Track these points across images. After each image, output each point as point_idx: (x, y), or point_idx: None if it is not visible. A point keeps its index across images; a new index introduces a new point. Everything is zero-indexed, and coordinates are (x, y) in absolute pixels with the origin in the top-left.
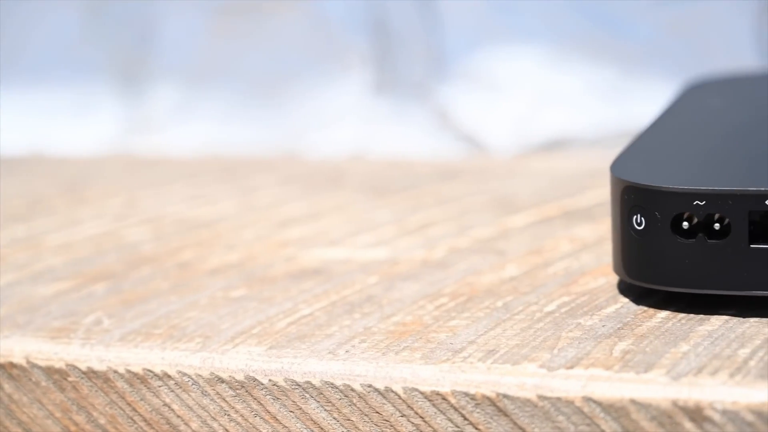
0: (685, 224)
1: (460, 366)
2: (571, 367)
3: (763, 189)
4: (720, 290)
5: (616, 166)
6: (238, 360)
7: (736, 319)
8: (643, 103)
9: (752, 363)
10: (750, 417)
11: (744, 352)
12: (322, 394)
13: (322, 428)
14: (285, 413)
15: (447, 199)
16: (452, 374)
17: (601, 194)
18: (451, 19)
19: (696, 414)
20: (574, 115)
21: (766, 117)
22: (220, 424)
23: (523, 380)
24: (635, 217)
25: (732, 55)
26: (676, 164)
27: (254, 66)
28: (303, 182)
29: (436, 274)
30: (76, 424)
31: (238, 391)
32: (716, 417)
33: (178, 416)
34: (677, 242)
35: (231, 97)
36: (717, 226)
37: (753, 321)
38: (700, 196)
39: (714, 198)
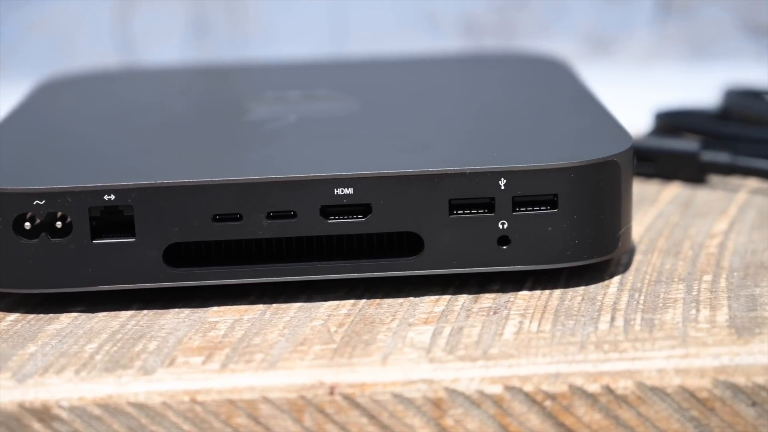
0: (27, 225)
1: None
2: None
3: (100, 185)
4: (68, 288)
5: None
6: None
7: (85, 315)
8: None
9: (98, 357)
10: (97, 411)
11: (91, 347)
12: None
13: None
14: None
15: None
16: None
17: None
18: None
19: (44, 414)
20: None
21: (113, 114)
22: None
23: None
24: None
25: (91, 53)
26: (16, 165)
27: None
28: None
29: None
30: None
31: None
32: (64, 414)
33: None
34: (21, 243)
35: None
36: (59, 224)
37: (101, 315)
38: (39, 195)
39: (53, 196)
